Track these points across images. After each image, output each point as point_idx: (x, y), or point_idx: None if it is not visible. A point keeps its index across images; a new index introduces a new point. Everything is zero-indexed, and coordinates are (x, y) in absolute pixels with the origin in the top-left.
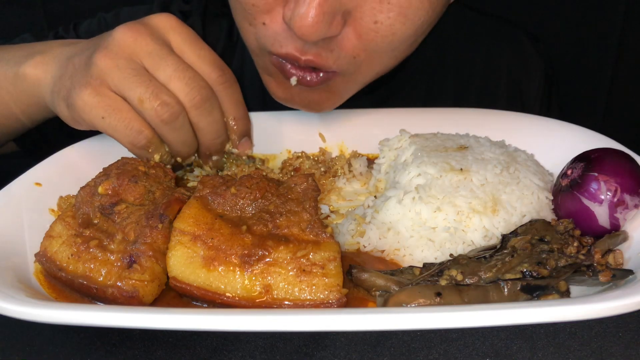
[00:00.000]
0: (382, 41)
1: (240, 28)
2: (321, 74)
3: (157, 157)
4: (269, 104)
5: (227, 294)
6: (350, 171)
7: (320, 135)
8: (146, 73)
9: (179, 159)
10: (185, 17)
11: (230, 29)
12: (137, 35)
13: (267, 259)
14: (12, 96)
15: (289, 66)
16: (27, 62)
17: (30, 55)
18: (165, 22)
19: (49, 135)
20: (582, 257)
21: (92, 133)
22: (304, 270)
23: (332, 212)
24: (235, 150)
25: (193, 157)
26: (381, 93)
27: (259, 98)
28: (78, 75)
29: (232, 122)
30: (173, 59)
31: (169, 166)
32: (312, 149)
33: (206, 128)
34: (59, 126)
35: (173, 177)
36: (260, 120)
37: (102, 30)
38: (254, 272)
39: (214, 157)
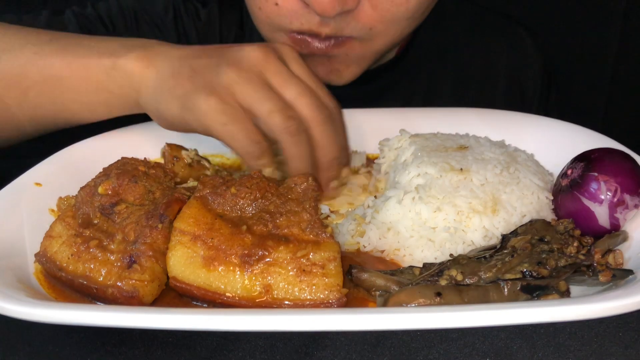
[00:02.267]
0: (397, 10)
1: (252, 13)
2: (335, 39)
3: (269, 171)
4: None
5: (227, 294)
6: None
7: None
8: (272, 90)
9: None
10: (203, 6)
11: (241, 20)
12: (267, 56)
13: (267, 259)
14: (102, 85)
15: (309, 39)
16: (128, 54)
17: (129, 47)
18: (289, 52)
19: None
20: (582, 257)
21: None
22: (304, 270)
23: (332, 212)
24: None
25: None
26: (381, 83)
27: None
28: (201, 79)
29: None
30: (300, 80)
31: None
32: None
33: (328, 146)
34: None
35: (173, 177)
36: None
37: (123, 12)
38: (254, 272)
39: (333, 183)
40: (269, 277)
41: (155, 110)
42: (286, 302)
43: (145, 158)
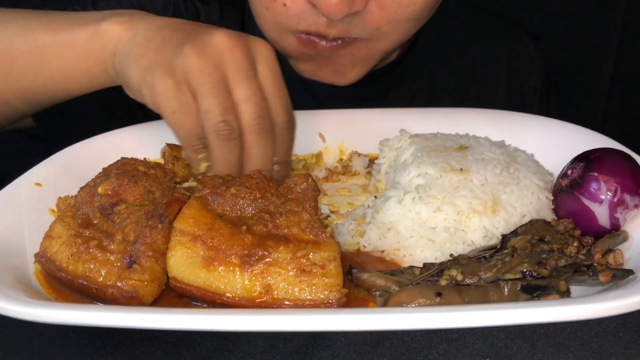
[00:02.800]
0: (404, 11)
1: (256, 14)
2: (342, 40)
3: (203, 166)
4: None
5: (227, 294)
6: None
7: (320, 135)
8: (225, 87)
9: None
10: (202, 4)
11: (242, 20)
12: (235, 46)
13: (267, 259)
14: (85, 51)
15: (317, 40)
16: (109, 19)
17: (110, 15)
18: (263, 50)
19: (69, 117)
20: (582, 257)
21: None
22: (304, 270)
23: (332, 212)
24: None
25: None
26: (383, 85)
27: None
28: (164, 54)
29: (275, 166)
30: (255, 84)
31: None
32: (312, 149)
33: (257, 156)
34: (78, 105)
35: (173, 177)
36: None
37: (122, 5)
38: (254, 272)
39: None
40: (269, 277)
41: (122, 74)
42: (286, 302)
43: (145, 158)
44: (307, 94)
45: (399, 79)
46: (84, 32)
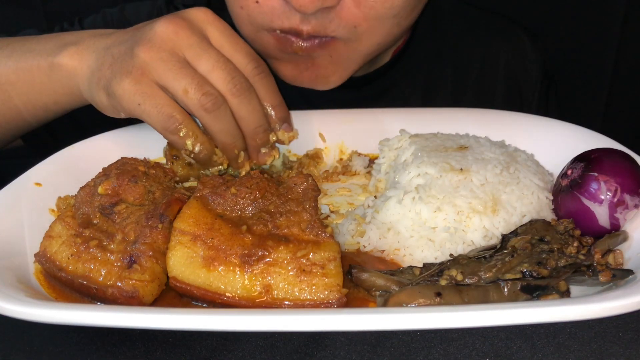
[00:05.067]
0: (381, 8)
1: (232, 14)
2: (319, 39)
3: (189, 143)
4: None
5: (227, 294)
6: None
7: (320, 135)
8: (189, 65)
9: (223, 164)
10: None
11: (231, 25)
12: (177, 28)
13: (267, 259)
14: (46, 86)
15: (293, 38)
16: (61, 53)
17: (63, 46)
18: (203, 16)
19: (55, 130)
20: (582, 257)
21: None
22: (304, 270)
23: (332, 212)
24: (282, 138)
25: (242, 156)
26: (379, 85)
27: None
28: (118, 65)
29: (270, 110)
30: (213, 50)
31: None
32: (312, 149)
33: (248, 116)
34: (66, 120)
35: (173, 177)
36: None
37: (108, 24)
38: (254, 272)
39: (263, 150)
40: (269, 277)
41: (94, 103)
42: (286, 302)
43: (145, 158)
44: (301, 99)
45: (394, 81)
46: (41, 70)
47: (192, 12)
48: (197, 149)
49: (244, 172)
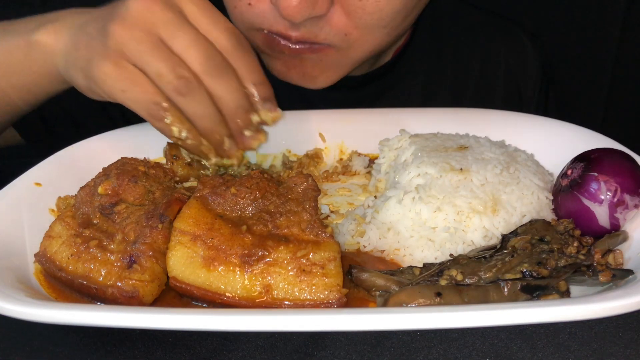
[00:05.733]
0: (370, 18)
1: (227, 10)
2: (309, 45)
3: (176, 130)
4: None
5: (227, 294)
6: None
7: (320, 135)
8: (163, 45)
9: (211, 157)
10: None
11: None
12: (152, 5)
13: (267, 259)
14: (24, 66)
15: (282, 41)
16: (39, 30)
17: (41, 24)
18: None
19: (53, 125)
20: (582, 257)
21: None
22: (304, 270)
23: (332, 212)
24: (265, 118)
25: (227, 142)
26: (379, 85)
27: None
28: (94, 45)
29: (252, 89)
30: (189, 28)
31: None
32: (312, 149)
33: (225, 96)
34: (63, 115)
35: (173, 177)
36: None
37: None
38: (254, 272)
39: (247, 133)
40: (269, 277)
41: (72, 83)
42: (286, 302)
43: (145, 158)
44: (301, 97)
45: (394, 81)
46: (19, 48)
47: None
48: (183, 134)
49: (235, 161)
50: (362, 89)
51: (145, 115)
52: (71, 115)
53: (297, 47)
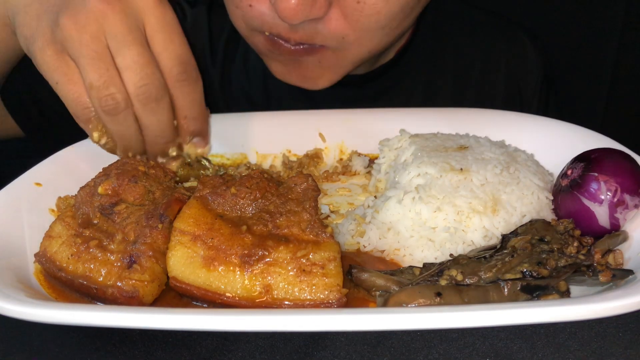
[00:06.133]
0: (368, 20)
1: (229, 11)
2: (307, 46)
3: (95, 136)
4: (272, 91)
5: (227, 294)
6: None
7: (320, 135)
8: (105, 57)
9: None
10: (191, 6)
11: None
12: (109, 10)
13: (267, 259)
14: None
15: (282, 42)
16: None
17: None
18: (145, 1)
19: (51, 117)
20: (582, 257)
21: None
22: (304, 270)
23: (332, 212)
24: (189, 151)
25: (138, 157)
26: (380, 84)
27: (260, 88)
28: (43, 25)
29: (182, 121)
30: (136, 49)
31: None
32: (312, 149)
33: (150, 127)
34: (59, 106)
35: (173, 177)
36: (261, 121)
37: None
38: (254, 272)
39: (159, 159)
40: (269, 277)
41: (17, 34)
42: (286, 302)
43: (145, 158)
44: (303, 96)
45: (395, 80)
46: None
47: None
48: (102, 141)
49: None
50: (363, 87)
51: (71, 112)
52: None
53: (296, 48)
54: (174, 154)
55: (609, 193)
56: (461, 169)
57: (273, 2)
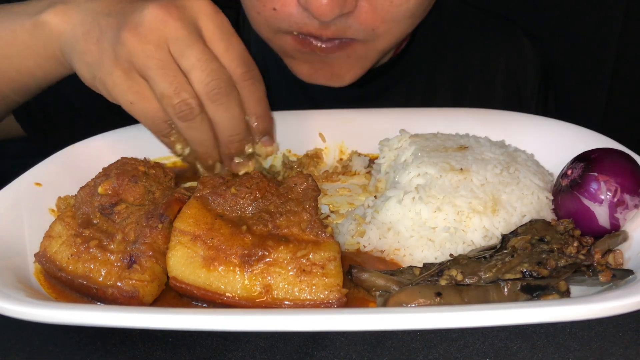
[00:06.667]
0: (397, 10)
1: (250, 18)
2: (338, 41)
3: (179, 148)
4: (272, 91)
5: (227, 294)
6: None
7: (320, 135)
8: (171, 64)
9: (199, 167)
10: None
11: (236, 21)
12: (167, 17)
13: (267, 259)
14: (29, 48)
15: (313, 41)
16: (47, 10)
17: (51, 4)
18: (200, 7)
19: (52, 113)
20: (582, 257)
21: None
22: (304, 270)
23: (332, 212)
24: (259, 151)
25: (218, 167)
26: (380, 84)
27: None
28: (105, 46)
29: (253, 120)
30: (199, 47)
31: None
32: (312, 149)
33: (223, 123)
34: (61, 102)
35: (173, 177)
36: None
37: None
38: (254, 272)
39: (236, 160)
40: (269, 277)
41: (74, 69)
42: (286, 302)
43: (145, 158)
44: (304, 95)
45: (395, 79)
46: (24, 28)
47: (190, 1)
48: (186, 152)
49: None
50: (363, 87)
51: (150, 129)
52: (69, 102)
53: (328, 45)
54: (250, 151)
55: (609, 193)
56: (461, 169)
57: (304, 2)
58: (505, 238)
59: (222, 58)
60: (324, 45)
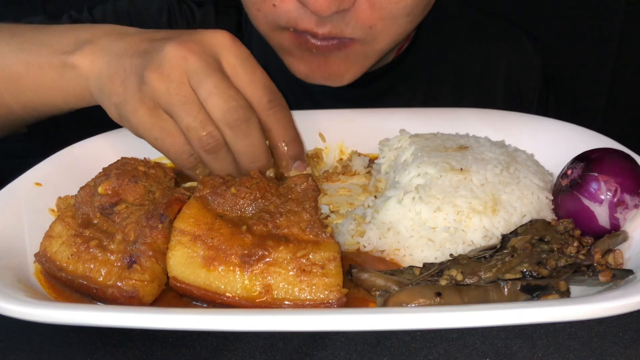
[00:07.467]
0: (395, 8)
1: (250, 14)
2: (336, 40)
3: (198, 172)
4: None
5: (227, 294)
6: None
7: (320, 135)
8: (194, 98)
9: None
10: (198, 6)
11: (239, 21)
12: (187, 53)
13: (267, 259)
14: (57, 85)
15: (309, 37)
16: (76, 52)
17: (77, 44)
18: (219, 40)
19: (54, 117)
20: (582, 257)
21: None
22: (304, 270)
23: (332, 212)
24: (291, 175)
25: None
26: (381, 85)
27: None
28: (130, 86)
29: (283, 146)
30: (217, 76)
31: None
32: (312, 149)
33: (242, 150)
34: (74, 116)
35: (173, 177)
36: None
37: (119, 16)
38: (254, 272)
39: None
40: (269, 277)
41: (103, 107)
42: (286, 302)
43: (145, 158)
44: (305, 95)
45: (397, 80)
46: (52, 67)
47: (208, 35)
48: (205, 173)
49: None
50: (365, 88)
51: (175, 162)
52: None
53: (325, 43)
54: (272, 175)
55: (609, 193)
56: (461, 169)
57: None
58: (505, 238)
59: (247, 89)
60: (320, 43)
